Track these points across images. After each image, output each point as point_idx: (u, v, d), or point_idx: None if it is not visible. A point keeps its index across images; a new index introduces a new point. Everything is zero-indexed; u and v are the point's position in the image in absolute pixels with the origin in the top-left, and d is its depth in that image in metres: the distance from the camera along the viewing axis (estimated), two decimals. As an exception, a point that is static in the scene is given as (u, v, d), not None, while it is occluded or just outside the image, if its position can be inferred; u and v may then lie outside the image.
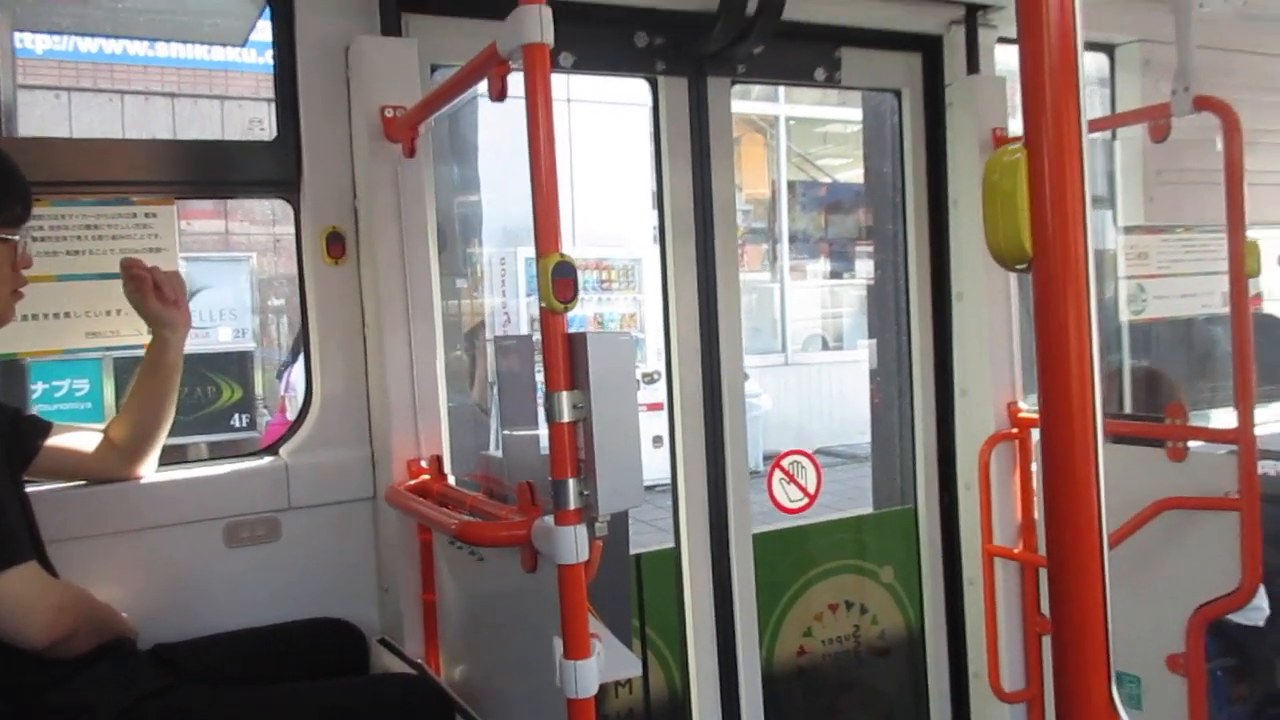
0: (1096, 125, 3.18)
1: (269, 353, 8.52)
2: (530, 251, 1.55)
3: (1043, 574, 3.03)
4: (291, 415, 5.77)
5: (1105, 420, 0.98)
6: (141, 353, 2.27)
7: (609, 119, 8.74)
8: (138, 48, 8.63)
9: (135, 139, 2.46)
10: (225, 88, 8.92)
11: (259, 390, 6.34)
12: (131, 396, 2.18)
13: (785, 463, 3.11)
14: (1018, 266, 0.90)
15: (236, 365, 6.24)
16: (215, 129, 8.97)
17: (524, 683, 1.92)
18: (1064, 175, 0.87)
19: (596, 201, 9.63)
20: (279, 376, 6.27)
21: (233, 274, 7.11)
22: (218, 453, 5.48)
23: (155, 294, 2.12)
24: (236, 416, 6.16)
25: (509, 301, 8.77)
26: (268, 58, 2.45)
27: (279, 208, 2.52)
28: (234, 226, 9.12)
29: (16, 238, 1.90)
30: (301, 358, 5.97)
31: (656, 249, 2.96)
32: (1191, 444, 2.74)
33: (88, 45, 8.54)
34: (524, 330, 8.50)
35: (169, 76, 8.94)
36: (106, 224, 2.28)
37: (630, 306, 9.63)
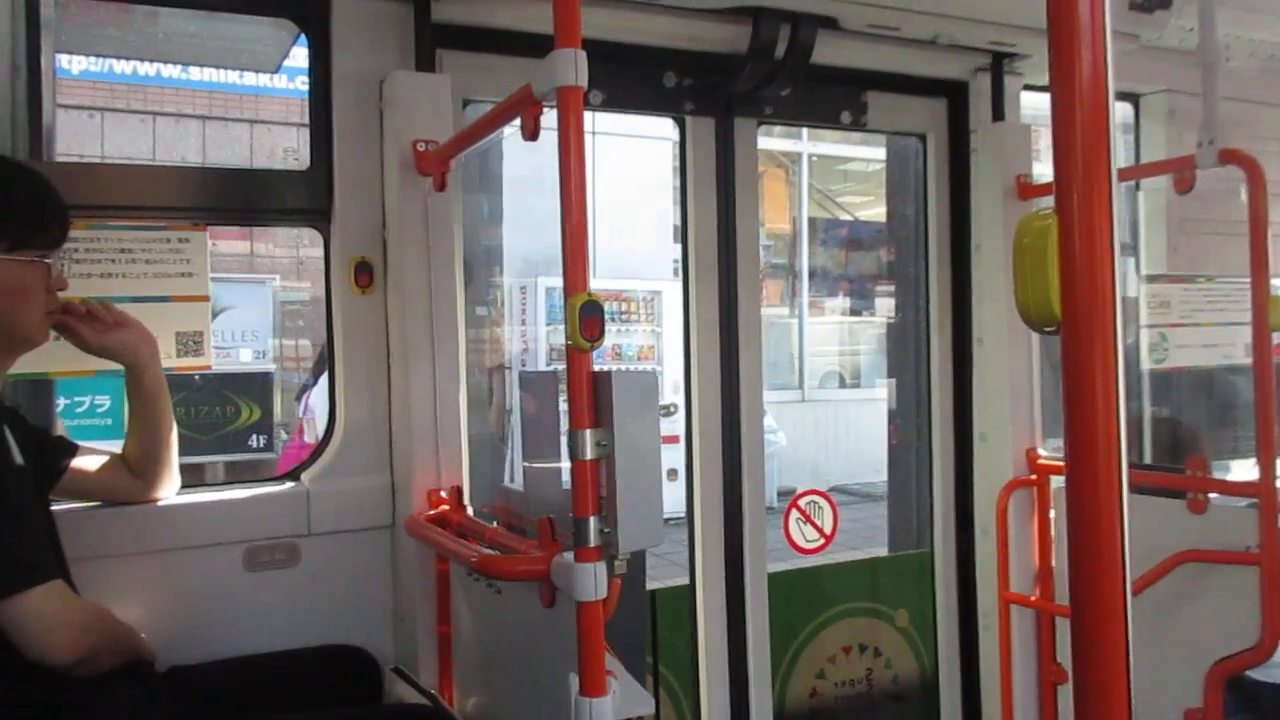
0: (1123, 175, 3.19)
1: (289, 376, 8.57)
2: (550, 281, 1.57)
3: (1059, 622, 3.01)
4: (309, 438, 5.79)
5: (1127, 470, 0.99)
6: (172, 370, 2.30)
7: (630, 152, 8.81)
8: (171, 70, 8.76)
9: (170, 165, 2.50)
10: (256, 112, 9.04)
11: (278, 412, 6.36)
12: (129, 422, 2.17)
13: (802, 502, 3.10)
14: (1046, 329, 0.91)
15: (256, 386, 6.26)
16: (244, 152, 9.08)
17: (538, 717, 1.92)
18: (1093, 234, 0.88)
19: (617, 234, 9.68)
20: (298, 399, 6.29)
21: (255, 296, 7.16)
22: (234, 473, 5.50)
23: (90, 325, 2.04)
24: (254, 437, 6.18)
25: (529, 330, 8.81)
26: (299, 83, 2.49)
27: (307, 232, 2.55)
28: (259, 248, 9.21)
29: (51, 260, 1.93)
30: (322, 381, 5.98)
31: (675, 282, 2.98)
32: (1212, 496, 2.72)
33: (122, 67, 8.67)
34: (542, 359, 8.52)
35: (200, 99, 9.07)
36: (140, 248, 2.32)
37: (649, 339, 9.65)
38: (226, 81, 9.05)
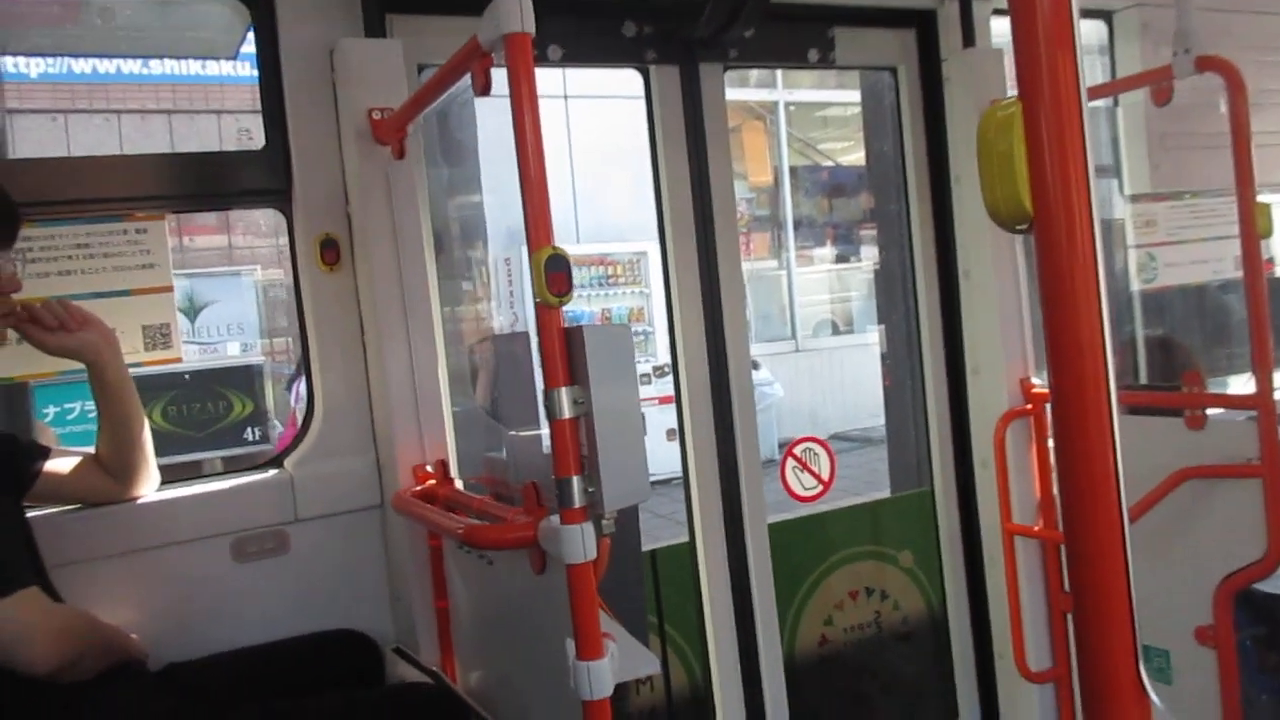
0: (1097, 92, 3.13)
1: (279, 366, 8.51)
2: None
3: (1065, 550, 2.98)
4: None
5: (1120, 392, 0.94)
6: (143, 369, 2.25)
7: (608, 114, 8.69)
8: (132, 66, 8.60)
9: (121, 154, 2.43)
10: (222, 102, 8.88)
11: (270, 403, 6.32)
12: (99, 421, 2.12)
13: (798, 450, 3.07)
14: (1018, 227, 0.86)
15: (246, 379, 6.23)
16: (214, 143, 8.94)
17: (541, 686, 1.89)
18: (1062, 127, 0.83)
19: (599, 197, 9.58)
20: (287, 388, 6.25)
21: (234, 288, 7.09)
22: (233, 467, 5.47)
23: (36, 327, 1.99)
24: (249, 430, 6.16)
25: (516, 302, 8.73)
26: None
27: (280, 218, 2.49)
28: (236, 240, 9.07)
29: (1, 261, 1.88)
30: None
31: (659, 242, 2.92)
32: (1210, 411, 2.69)
33: (82, 66, 8.52)
34: (531, 331, 8.44)
35: (164, 93, 8.92)
36: (98, 242, 2.26)
37: (638, 300, 9.58)
38: (189, 74, 8.89)
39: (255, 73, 2.42)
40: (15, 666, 1.69)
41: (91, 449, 2.16)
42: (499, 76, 1.66)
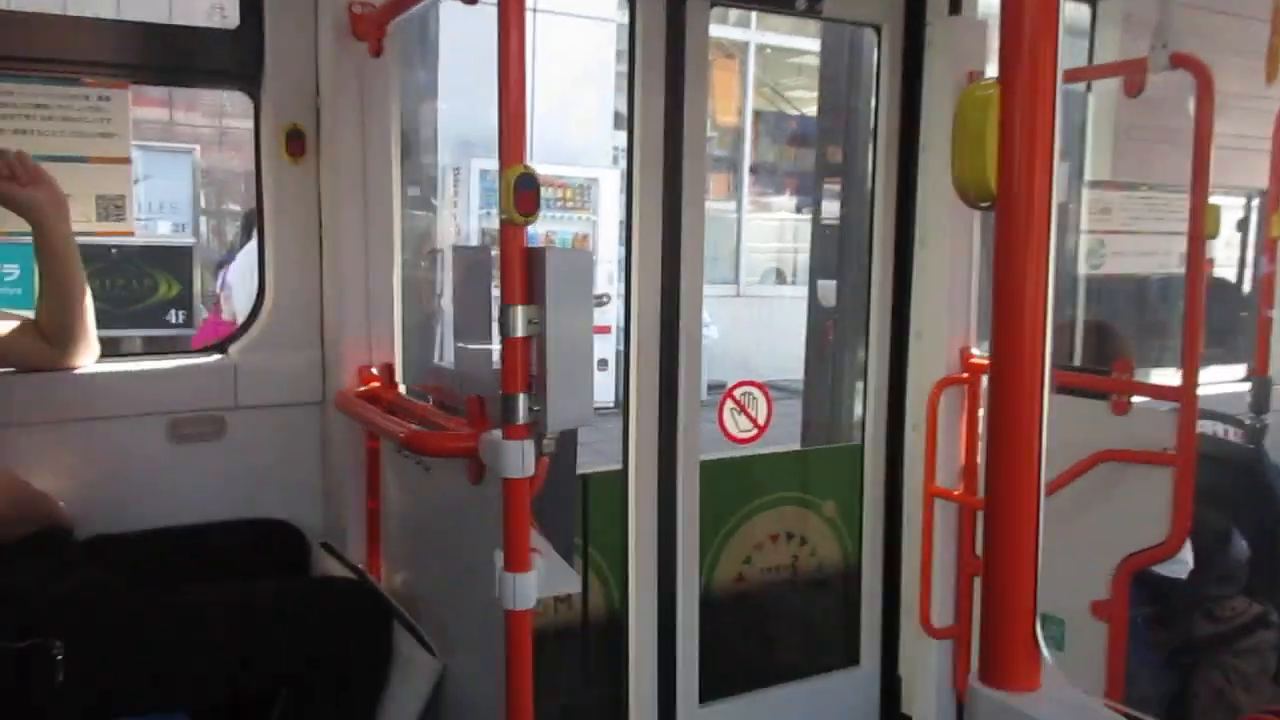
0: (1073, 76, 3.16)
1: (211, 252, 8.30)
2: (484, 164, 1.52)
3: (979, 517, 3.09)
4: (226, 316, 5.66)
5: (1053, 371, 0.99)
6: (93, 235, 2.22)
7: (571, 33, 8.50)
8: None
9: (89, 17, 2.35)
10: None
11: (198, 288, 6.18)
12: (39, 286, 2.10)
13: (737, 393, 3.12)
14: (981, 204, 0.89)
15: (175, 260, 6.05)
16: (162, 8, 8.44)
17: (464, 593, 1.93)
18: (1035, 116, 0.86)
19: (556, 119, 9.41)
20: (215, 275, 6.11)
21: (175, 166, 6.85)
22: (152, 348, 5.37)
23: (8, 179, 1.98)
24: (173, 313, 6.02)
25: (459, 214, 8.59)
26: None
27: (230, 100, 2.44)
28: (179, 116, 8.70)
29: None
30: (239, 257, 5.81)
31: (614, 170, 2.92)
32: (1135, 399, 2.79)
33: None
34: (474, 242, 8.36)
35: None
36: (57, 104, 2.20)
37: (584, 227, 9.48)
38: None
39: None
40: None
41: (30, 314, 2.13)
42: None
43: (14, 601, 1.78)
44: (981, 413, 3.12)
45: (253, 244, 5.65)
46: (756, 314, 11.36)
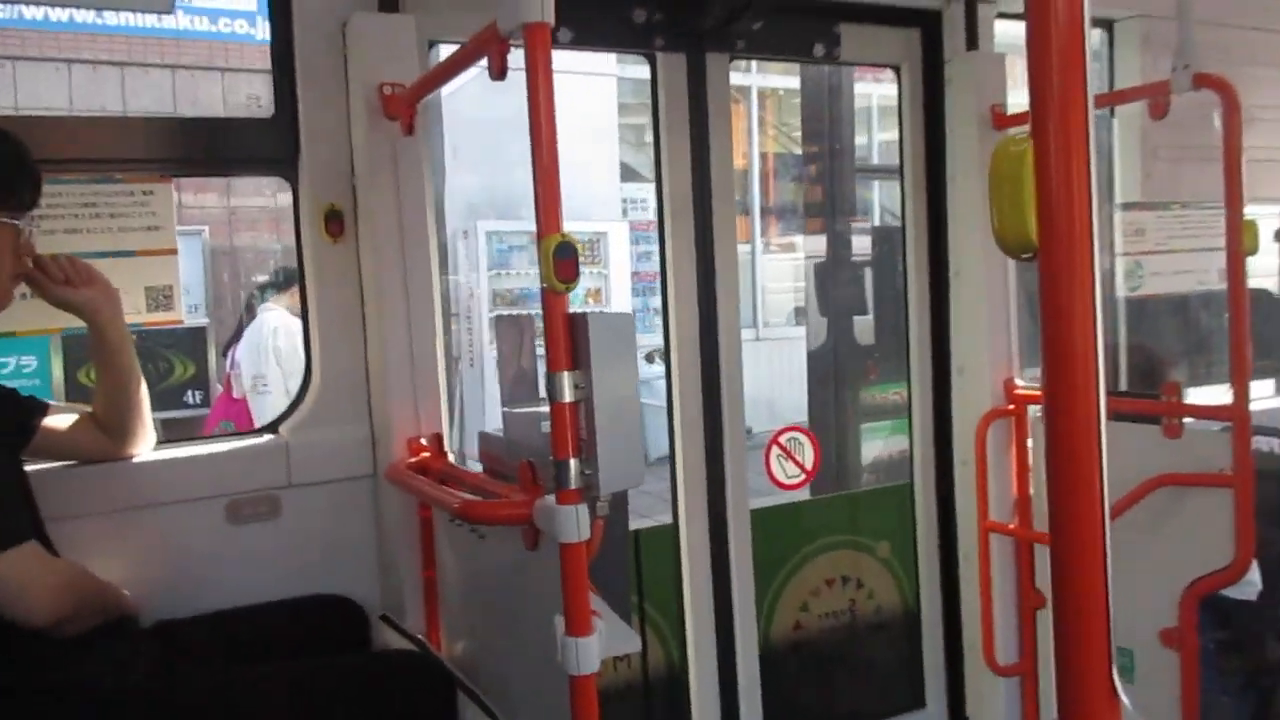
0: (1098, 102, 3.16)
1: (224, 332, 8.39)
2: (490, 225, 1.54)
3: (1037, 549, 3.05)
4: (238, 393, 5.72)
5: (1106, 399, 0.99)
6: (142, 326, 2.27)
7: (574, 90, 8.57)
8: (85, 15, 8.27)
9: (134, 116, 2.44)
10: (177, 56, 8.51)
11: (214, 368, 6.26)
12: (96, 379, 2.15)
13: (783, 439, 3.11)
14: (1023, 256, 0.90)
15: (190, 342, 6.13)
16: (217, 101, 8.67)
17: (526, 659, 1.93)
18: (1070, 161, 0.87)
19: (563, 175, 9.42)
20: (224, 354, 6.17)
21: (187, 248, 7.00)
22: (168, 431, 5.44)
23: (44, 279, 2.00)
24: (190, 394, 6.08)
25: (471, 276, 8.63)
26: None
27: (235, 180, 2.51)
28: (187, 199, 8.80)
29: (20, 223, 1.89)
30: (245, 334, 5.87)
31: (622, 223, 2.95)
32: (1187, 421, 2.75)
33: (33, 13, 8.19)
34: (485, 304, 8.42)
35: (118, 45, 8.56)
36: (104, 202, 2.27)
37: (596, 281, 9.48)
38: (142, 26, 8.43)
39: (214, 28, 2.43)
40: (14, 618, 1.73)
41: (89, 407, 2.18)
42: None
43: (86, 693, 1.80)
44: (1030, 443, 3.09)
45: (256, 321, 5.72)
46: (778, 355, 11.20)
